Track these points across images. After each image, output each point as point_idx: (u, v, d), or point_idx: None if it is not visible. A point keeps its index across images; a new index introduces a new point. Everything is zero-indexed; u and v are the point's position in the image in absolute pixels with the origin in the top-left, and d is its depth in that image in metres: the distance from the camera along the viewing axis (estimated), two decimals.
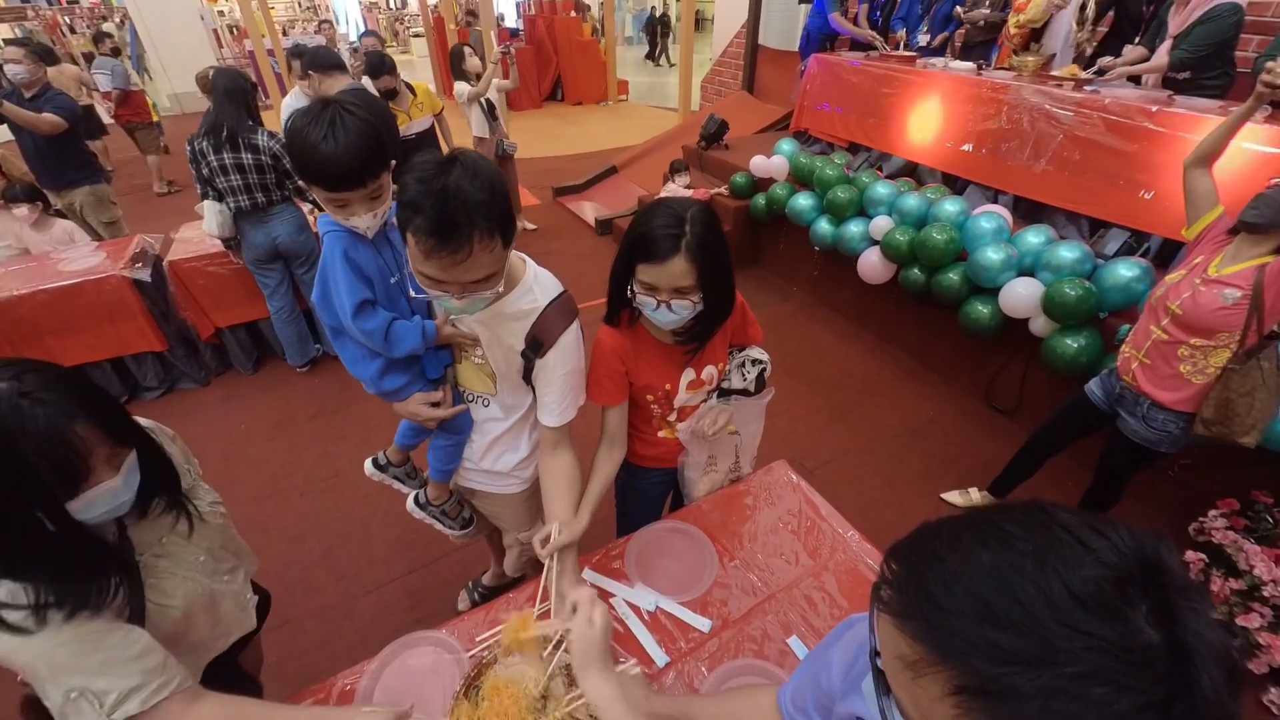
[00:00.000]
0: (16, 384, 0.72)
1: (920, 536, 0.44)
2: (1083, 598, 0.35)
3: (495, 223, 0.93)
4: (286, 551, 2.34)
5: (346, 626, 2.07)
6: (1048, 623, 0.35)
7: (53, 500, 0.75)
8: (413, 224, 0.91)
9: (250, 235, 2.94)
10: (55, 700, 0.80)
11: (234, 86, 2.74)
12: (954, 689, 0.37)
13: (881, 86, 3.66)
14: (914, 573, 0.42)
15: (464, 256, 0.92)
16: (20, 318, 2.82)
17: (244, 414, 3.15)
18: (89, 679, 0.80)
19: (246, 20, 8.24)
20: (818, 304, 4.10)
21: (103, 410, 0.80)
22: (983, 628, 0.37)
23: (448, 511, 1.58)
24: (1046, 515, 0.40)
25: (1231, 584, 1.86)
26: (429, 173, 0.90)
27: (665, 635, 1.20)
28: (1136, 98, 2.66)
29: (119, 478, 0.81)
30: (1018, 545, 0.39)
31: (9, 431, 0.70)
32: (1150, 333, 1.79)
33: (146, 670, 0.84)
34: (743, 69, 6.81)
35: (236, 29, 12.39)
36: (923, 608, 0.40)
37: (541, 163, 7.08)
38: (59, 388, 0.75)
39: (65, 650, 0.78)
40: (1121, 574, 0.36)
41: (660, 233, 1.08)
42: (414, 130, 3.87)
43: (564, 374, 1.20)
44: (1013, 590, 0.37)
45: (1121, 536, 0.38)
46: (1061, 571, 0.36)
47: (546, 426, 1.25)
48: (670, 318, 1.16)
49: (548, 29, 9.87)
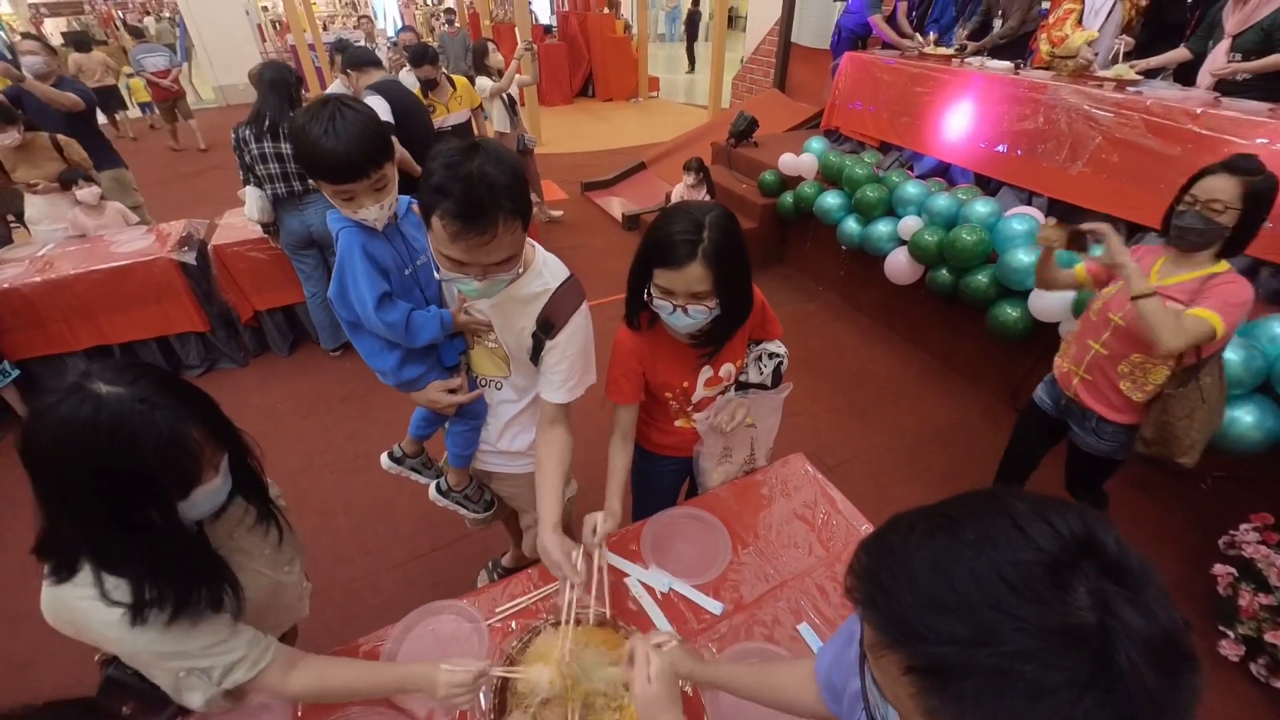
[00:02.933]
0: (134, 389, 0.74)
1: (885, 529, 0.47)
2: (1013, 582, 0.38)
3: (517, 205, 0.98)
4: (318, 525, 2.43)
5: (372, 599, 2.15)
6: (980, 607, 0.38)
7: (169, 501, 0.78)
8: (440, 207, 0.94)
9: (288, 222, 3.05)
10: (167, 681, 0.87)
11: (278, 78, 2.84)
12: (906, 669, 0.41)
13: (915, 85, 3.61)
14: (872, 563, 0.45)
15: (489, 238, 0.96)
16: (75, 295, 2.97)
17: (279, 394, 3.28)
18: (194, 660, 0.86)
19: (289, 15, 8.49)
20: (843, 303, 4.07)
21: (208, 414, 0.83)
22: (924, 613, 0.40)
23: (470, 496, 1.63)
24: (997, 504, 0.43)
25: (1261, 599, 1.81)
26: (454, 159, 0.94)
27: (677, 615, 1.23)
28: (1180, 99, 2.58)
29: (219, 477, 0.85)
30: (960, 534, 0.42)
31: (133, 435, 0.72)
32: (1089, 348, 1.70)
33: (247, 643, 0.91)
34: (774, 66, 6.75)
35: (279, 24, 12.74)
36: (875, 596, 0.44)
37: (571, 158, 7.14)
38: (171, 393, 0.78)
39: (170, 639, 0.83)
40: (1054, 558, 0.38)
41: (678, 238, 1.09)
42: (450, 122, 3.94)
43: (575, 353, 1.22)
44: (950, 577, 0.40)
45: (1068, 522, 0.40)
46: (994, 557, 0.39)
47: (549, 402, 1.26)
48: (687, 322, 1.17)
49: (580, 26, 9.92)
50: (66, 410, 0.71)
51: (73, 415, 0.71)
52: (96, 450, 0.71)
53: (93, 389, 0.72)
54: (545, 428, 1.30)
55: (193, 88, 11.87)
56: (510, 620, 1.22)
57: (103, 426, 0.71)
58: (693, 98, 10.14)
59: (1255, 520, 1.98)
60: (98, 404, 0.71)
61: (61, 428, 0.71)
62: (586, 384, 1.29)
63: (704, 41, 12.99)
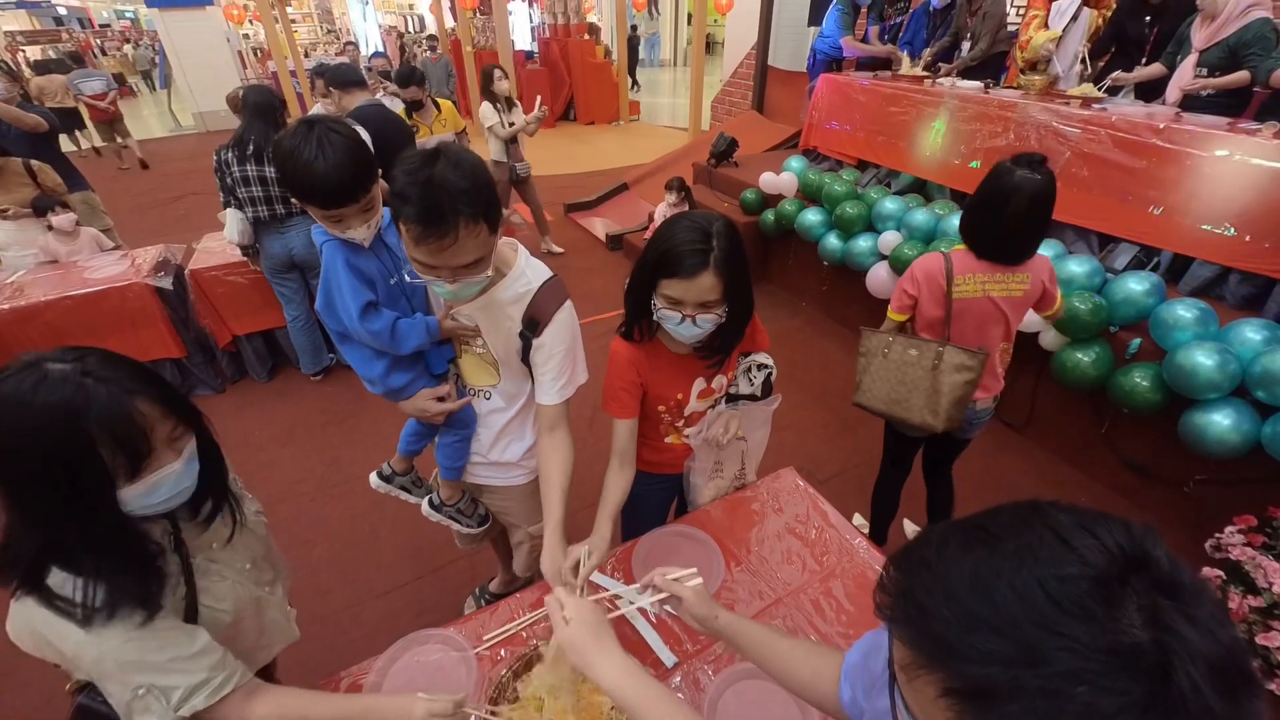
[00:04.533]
0: (79, 364, 0.73)
1: (916, 543, 0.45)
2: (1059, 599, 0.35)
3: (479, 209, 0.99)
4: (296, 556, 2.35)
5: (353, 631, 2.07)
6: (1025, 625, 0.36)
7: (114, 482, 0.75)
8: (403, 213, 0.97)
9: (268, 245, 3.02)
10: (121, 698, 0.81)
11: (264, 102, 2.84)
12: (944, 690, 0.38)
13: (889, 105, 3.71)
14: (905, 579, 0.43)
15: (451, 242, 0.98)
16: (46, 323, 2.89)
17: (257, 421, 3.20)
18: (156, 676, 0.81)
19: (271, 43, 8.53)
20: (826, 318, 4.11)
21: (162, 389, 0.80)
22: (964, 631, 0.37)
23: (463, 510, 1.60)
24: (1037, 515, 0.41)
25: (1250, 601, 1.82)
26: (415, 165, 0.97)
27: (672, 637, 1.20)
28: (1143, 115, 2.68)
29: (180, 461, 0.81)
30: (1000, 547, 0.39)
31: (75, 409, 0.70)
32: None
33: (211, 666, 0.85)
34: (753, 89, 6.92)
35: (261, 51, 12.81)
36: (910, 613, 0.41)
37: (554, 180, 7.19)
38: (121, 367, 0.76)
39: (134, 647, 0.79)
40: (1103, 573, 0.36)
41: (687, 248, 1.09)
42: (434, 144, 3.97)
43: (560, 352, 1.22)
44: (990, 593, 0.37)
45: (1114, 534, 0.38)
46: (1038, 572, 0.37)
47: (545, 406, 1.26)
48: (695, 331, 1.17)
49: (561, 52, 10.09)
50: (9, 388, 0.70)
51: (14, 390, 0.69)
52: (37, 426, 0.69)
53: (39, 366, 0.71)
54: (545, 434, 1.29)
55: (172, 114, 11.86)
56: (499, 648, 1.18)
57: (43, 401, 0.69)
58: (674, 120, 10.31)
59: (1239, 522, 2.00)
60: (40, 378, 0.70)
61: (3, 404, 0.69)
62: (578, 382, 1.29)
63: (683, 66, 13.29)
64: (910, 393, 1.80)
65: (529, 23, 12.99)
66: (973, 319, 1.73)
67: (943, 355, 1.73)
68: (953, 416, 1.76)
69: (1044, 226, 1.60)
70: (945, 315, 1.73)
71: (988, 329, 1.75)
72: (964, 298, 1.70)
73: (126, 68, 14.86)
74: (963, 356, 1.71)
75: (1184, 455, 2.22)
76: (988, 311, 1.72)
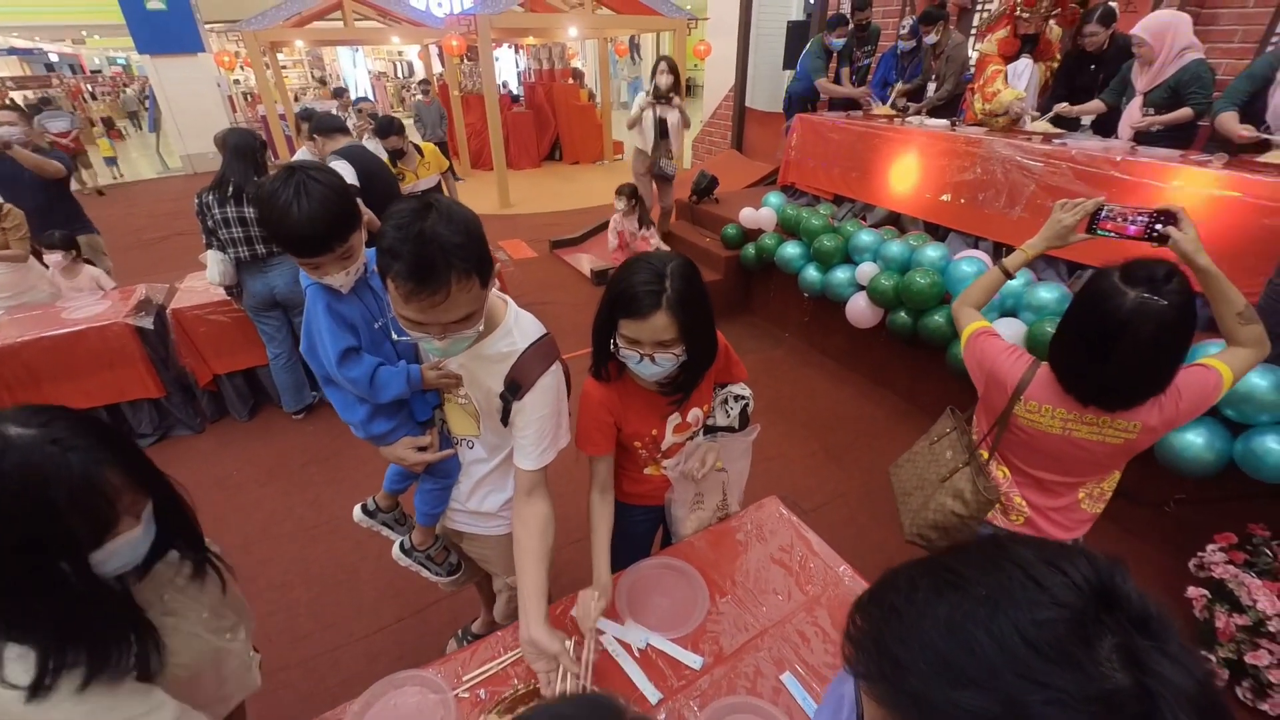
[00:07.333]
0: (46, 430, 0.70)
1: (881, 587, 0.42)
2: (1038, 645, 0.34)
3: (471, 264, 0.95)
4: (272, 599, 2.28)
5: (332, 677, 2.00)
6: (1006, 675, 0.34)
7: (79, 552, 0.72)
8: (392, 269, 0.92)
9: (250, 284, 3.02)
10: None
11: (243, 144, 2.88)
12: None
13: (861, 143, 3.85)
14: (873, 629, 0.40)
15: (442, 298, 0.94)
16: (21, 364, 2.84)
17: (237, 461, 3.13)
18: None
19: (261, 88, 8.70)
20: (809, 349, 4.16)
21: (128, 456, 0.78)
22: (944, 687, 0.35)
23: (433, 557, 1.57)
24: (1002, 553, 0.39)
25: (1237, 620, 1.83)
26: (405, 219, 0.92)
27: (656, 673, 1.17)
28: (1101, 148, 2.81)
29: (140, 526, 0.79)
30: (972, 591, 0.37)
31: (44, 479, 0.67)
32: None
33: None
34: (731, 129, 7.16)
35: (251, 95, 13.04)
36: (884, 668, 0.38)
37: (540, 218, 7.31)
38: (89, 434, 0.73)
39: (82, 712, 0.75)
40: (1078, 613, 0.35)
41: (641, 289, 1.11)
42: (420, 188, 4.05)
43: (541, 417, 1.17)
44: (968, 643, 0.35)
45: (1079, 569, 0.37)
46: (1015, 617, 0.35)
47: (522, 470, 1.21)
48: (654, 370, 1.18)
49: (546, 95, 10.40)
50: None
51: None
52: (2, 497, 0.66)
53: (1, 432, 0.68)
54: (522, 500, 1.22)
55: (159, 157, 11.95)
56: (479, 689, 1.14)
57: (10, 471, 0.66)
58: None
59: (1220, 540, 2.03)
60: (4, 446, 0.67)
61: None
62: (559, 447, 1.24)
63: None
64: (915, 490, 1.58)
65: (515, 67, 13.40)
66: (1046, 450, 1.33)
67: (957, 472, 1.46)
68: (926, 537, 1.51)
69: (1175, 362, 1.15)
70: (995, 428, 1.38)
71: (1068, 464, 1.34)
72: (1034, 428, 1.30)
73: (115, 111, 15.04)
74: (968, 486, 1.40)
75: (1163, 476, 2.25)
76: (1066, 451, 1.31)
